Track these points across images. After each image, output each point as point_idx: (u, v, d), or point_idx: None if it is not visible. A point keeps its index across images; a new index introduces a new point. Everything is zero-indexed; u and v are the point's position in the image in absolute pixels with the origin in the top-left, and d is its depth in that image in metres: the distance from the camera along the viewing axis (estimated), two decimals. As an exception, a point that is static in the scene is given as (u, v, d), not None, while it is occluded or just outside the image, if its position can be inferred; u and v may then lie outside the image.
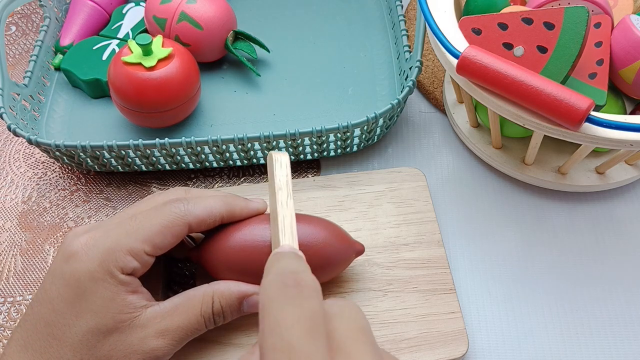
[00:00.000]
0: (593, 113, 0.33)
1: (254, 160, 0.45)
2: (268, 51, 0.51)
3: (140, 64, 0.43)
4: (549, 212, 0.43)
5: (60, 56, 0.51)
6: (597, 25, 0.39)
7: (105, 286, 0.30)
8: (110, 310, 0.29)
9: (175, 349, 0.31)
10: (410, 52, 0.46)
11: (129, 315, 0.30)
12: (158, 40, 0.44)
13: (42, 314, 0.30)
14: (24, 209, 0.45)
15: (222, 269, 0.34)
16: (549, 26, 0.36)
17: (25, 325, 0.30)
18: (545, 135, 0.37)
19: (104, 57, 0.49)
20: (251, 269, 0.34)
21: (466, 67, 0.35)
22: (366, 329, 0.22)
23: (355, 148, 0.46)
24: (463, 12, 0.44)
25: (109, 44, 0.50)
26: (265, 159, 0.45)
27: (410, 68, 0.45)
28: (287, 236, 0.30)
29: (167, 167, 0.45)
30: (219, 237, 0.34)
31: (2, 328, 0.40)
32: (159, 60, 0.43)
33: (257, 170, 0.46)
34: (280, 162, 0.33)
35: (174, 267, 0.41)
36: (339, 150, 0.45)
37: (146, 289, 0.32)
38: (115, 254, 0.30)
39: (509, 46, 0.37)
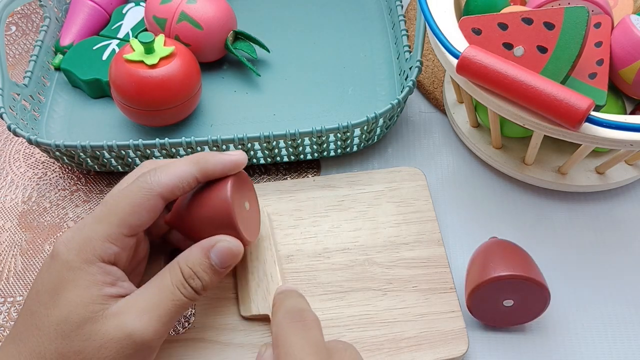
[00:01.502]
0: (593, 113, 0.33)
1: (254, 160, 0.45)
2: (268, 51, 0.51)
3: (142, 61, 0.43)
4: (549, 212, 0.43)
5: (60, 56, 0.51)
6: (597, 25, 0.39)
7: (82, 275, 0.29)
8: (84, 299, 0.29)
9: (159, 331, 0.30)
10: (410, 52, 0.46)
11: (102, 306, 0.29)
12: (160, 38, 0.44)
13: (29, 305, 0.30)
14: (24, 209, 0.45)
15: (187, 229, 0.34)
16: (549, 26, 0.36)
17: (18, 318, 0.31)
18: (545, 135, 0.37)
19: (104, 57, 0.49)
20: (206, 223, 0.33)
21: (466, 67, 0.35)
22: None
23: (355, 148, 0.46)
24: (463, 12, 0.44)
25: (109, 44, 0.50)
26: (265, 159, 0.45)
27: (410, 68, 0.45)
28: (281, 277, 0.37)
29: (167, 167, 0.45)
30: (183, 198, 0.34)
31: (2, 328, 0.40)
32: (161, 59, 0.43)
33: (257, 170, 0.46)
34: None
35: None
36: (339, 150, 0.45)
37: (132, 285, 0.31)
38: (93, 242, 0.30)
39: (509, 46, 0.37)
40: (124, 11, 0.53)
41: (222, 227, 0.34)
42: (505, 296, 0.34)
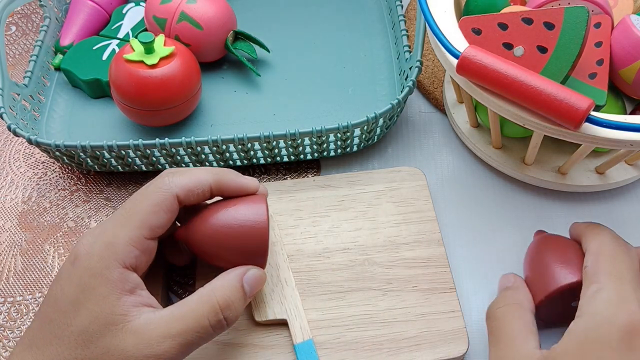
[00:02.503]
0: (593, 113, 0.33)
1: (254, 160, 0.45)
2: (268, 51, 0.51)
3: (142, 61, 0.43)
4: (549, 212, 0.43)
5: (60, 56, 0.51)
6: (597, 25, 0.39)
7: (102, 281, 0.29)
8: (104, 308, 0.29)
9: (177, 357, 0.30)
10: (410, 52, 0.46)
11: (121, 318, 0.29)
12: (160, 38, 0.44)
13: (47, 313, 0.30)
14: (24, 209, 0.45)
15: (206, 246, 0.33)
16: (549, 26, 0.36)
17: (32, 325, 0.30)
18: (545, 135, 0.37)
19: (104, 57, 0.49)
20: (234, 247, 0.33)
21: (466, 67, 0.35)
22: None
23: (355, 148, 0.46)
24: (463, 12, 0.44)
25: (109, 44, 0.50)
26: (265, 159, 0.45)
27: (410, 68, 0.45)
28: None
29: (167, 167, 0.45)
30: (204, 214, 0.33)
31: (2, 328, 0.40)
32: (161, 59, 0.43)
33: (257, 170, 0.46)
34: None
35: (174, 276, 0.41)
36: (339, 150, 0.45)
37: (149, 294, 0.31)
38: (115, 247, 0.30)
39: (509, 46, 0.37)
40: (124, 11, 0.53)
41: (251, 255, 0.33)
42: (574, 298, 0.34)
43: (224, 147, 0.42)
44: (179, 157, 0.44)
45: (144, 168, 0.45)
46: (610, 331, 0.28)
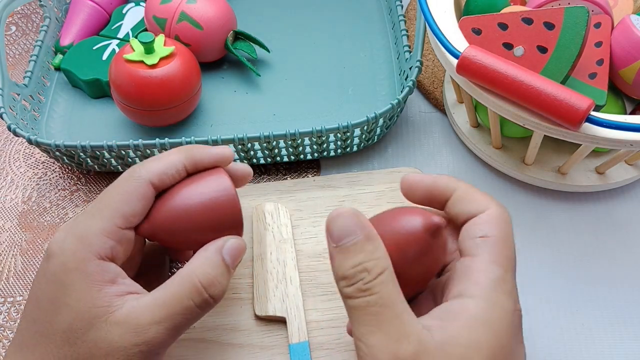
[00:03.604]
0: (593, 113, 0.33)
1: (254, 160, 0.45)
2: (268, 51, 0.51)
3: (142, 61, 0.43)
4: (549, 212, 0.43)
5: (60, 56, 0.51)
6: (597, 25, 0.39)
7: (79, 276, 0.28)
8: (86, 302, 0.28)
9: (167, 341, 0.29)
10: (410, 52, 0.46)
11: (105, 310, 0.28)
12: (160, 38, 0.44)
13: (31, 313, 0.30)
14: (24, 209, 0.45)
15: (175, 234, 0.31)
16: (549, 26, 0.36)
17: (20, 326, 0.30)
18: (545, 135, 0.37)
19: (104, 57, 0.49)
20: (206, 224, 0.31)
21: (466, 67, 0.35)
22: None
23: (355, 148, 0.46)
24: (463, 12, 0.44)
25: (109, 44, 0.50)
26: (265, 159, 0.45)
27: (410, 68, 0.45)
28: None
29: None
30: (163, 201, 0.32)
31: (2, 328, 0.40)
32: (161, 59, 0.43)
33: (257, 171, 0.46)
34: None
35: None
36: (339, 150, 0.45)
37: (132, 281, 0.30)
38: (88, 239, 0.29)
39: (509, 46, 0.37)
40: (124, 11, 0.53)
41: (226, 227, 0.32)
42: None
43: (224, 147, 0.42)
44: (179, 157, 0.44)
45: (144, 168, 0.45)
46: (514, 323, 0.26)
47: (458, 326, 0.25)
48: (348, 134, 0.42)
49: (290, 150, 0.44)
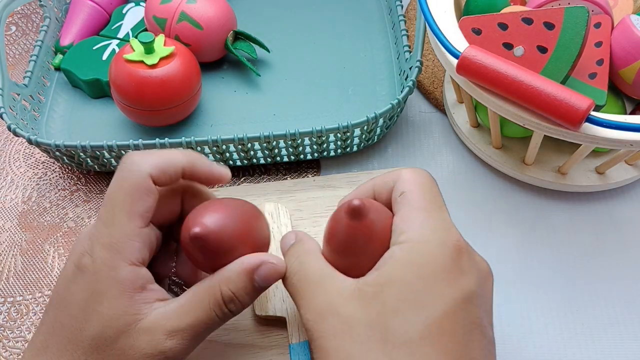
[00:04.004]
0: (593, 113, 0.33)
1: (254, 160, 0.45)
2: (268, 51, 0.51)
3: (142, 61, 0.43)
4: (549, 212, 0.43)
5: (60, 56, 0.51)
6: (597, 25, 0.39)
7: (112, 283, 0.29)
8: (117, 311, 0.28)
9: (190, 348, 0.29)
10: (410, 52, 0.46)
11: (134, 318, 0.29)
12: (160, 38, 0.44)
13: (58, 317, 0.29)
14: (24, 209, 0.45)
15: (218, 241, 0.30)
16: (549, 26, 0.36)
17: (42, 328, 0.30)
18: (545, 135, 0.37)
19: (104, 57, 0.49)
20: (247, 237, 0.31)
21: (466, 67, 0.35)
22: None
23: (355, 148, 0.46)
24: (463, 12, 0.44)
25: (109, 44, 0.50)
26: (265, 159, 0.45)
27: (410, 68, 0.45)
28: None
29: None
30: (206, 209, 0.31)
31: (2, 328, 0.40)
32: (161, 59, 0.43)
33: (257, 170, 0.46)
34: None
35: None
36: (339, 150, 0.45)
37: (159, 286, 0.30)
38: (117, 246, 0.29)
39: (509, 46, 0.37)
40: (124, 11, 0.53)
41: (258, 244, 0.32)
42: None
43: (224, 147, 0.42)
44: (179, 157, 0.44)
45: (144, 168, 0.45)
46: (443, 254, 0.27)
47: (379, 272, 0.27)
48: (348, 134, 0.42)
49: (290, 150, 0.44)
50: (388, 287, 0.27)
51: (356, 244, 0.29)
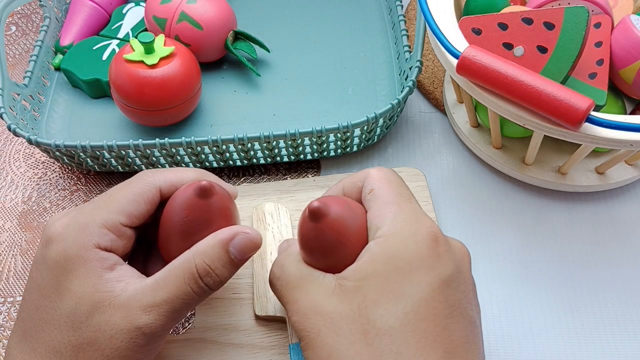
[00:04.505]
0: (593, 113, 0.33)
1: (254, 160, 0.45)
2: (268, 51, 0.51)
3: (142, 61, 0.43)
4: (549, 212, 0.43)
5: (60, 56, 0.51)
6: (597, 25, 0.39)
7: (81, 263, 0.29)
8: (88, 288, 0.29)
9: (167, 325, 0.29)
10: (410, 52, 0.46)
11: (108, 294, 0.29)
12: (160, 38, 0.44)
13: (33, 300, 0.30)
14: (24, 209, 0.45)
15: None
16: (549, 26, 0.36)
17: (21, 315, 0.30)
18: (545, 135, 0.37)
19: (104, 57, 0.49)
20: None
21: (466, 67, 0.35)
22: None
23: (355, 148, 0.46)
24: (463, 12, 0.44)
25: (109, 44, 0.50)
26: (265, 159, 0.45)
27: (410, 68, 0.45)
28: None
29: (167, 167, 0.45)
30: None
31: (2, 328, 0.40)
32: (161, 59, 0.43)
33: (257, 171, 0.46)
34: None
35: None
36: (339, 150, 0.45)
37: (130, 267, 0.31)
38: (89, 228, 0.30)
39: (509, 46, 0.37)
40: (124, 11, 0.53)
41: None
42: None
43: (224, 147, 0.42)
44: (179, 157, 0.44)
45: (144, 168, 0.45)
46: (417, 243, 0.28)
47: (357, 266, 0.28)
48: (348, 134, 0.42)
49: (290, 150, 0.44)
50: (367, 281, 0.27)
51: (325, 243, 0.29)
